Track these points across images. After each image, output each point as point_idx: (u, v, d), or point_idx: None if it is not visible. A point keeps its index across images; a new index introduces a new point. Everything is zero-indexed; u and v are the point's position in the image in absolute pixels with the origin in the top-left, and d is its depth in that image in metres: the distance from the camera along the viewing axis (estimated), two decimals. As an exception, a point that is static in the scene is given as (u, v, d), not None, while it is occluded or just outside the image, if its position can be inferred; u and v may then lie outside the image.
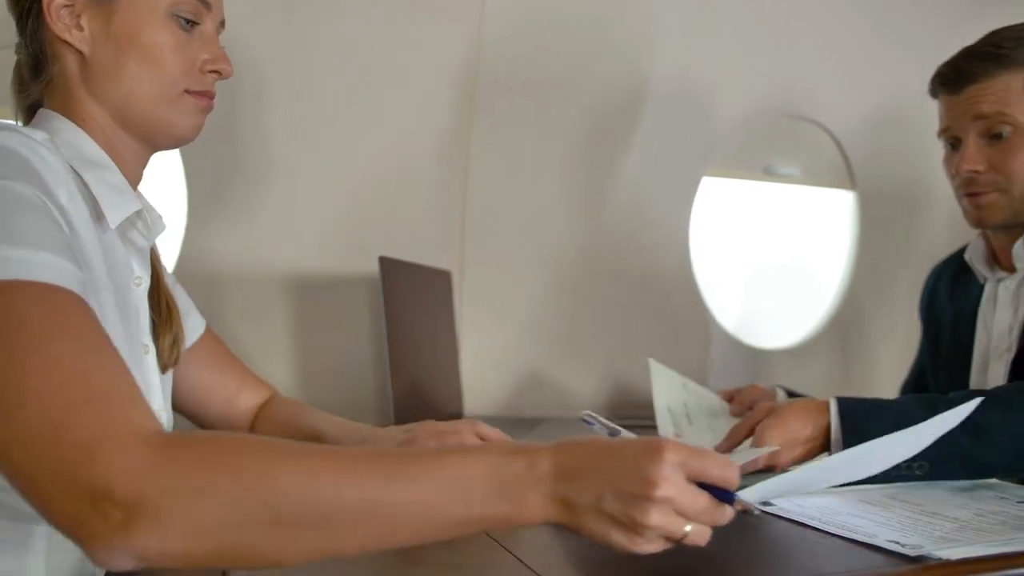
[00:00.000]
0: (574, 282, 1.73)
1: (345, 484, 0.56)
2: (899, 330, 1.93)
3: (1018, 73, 1.12)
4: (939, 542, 0.70)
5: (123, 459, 0.53)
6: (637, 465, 0.58)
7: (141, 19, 0.83)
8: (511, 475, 0.59)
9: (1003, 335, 1.19)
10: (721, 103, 1.78)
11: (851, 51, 1.84)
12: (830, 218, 2.02)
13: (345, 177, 1.52)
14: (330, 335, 1.52)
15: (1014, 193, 1.15)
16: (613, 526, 0.58)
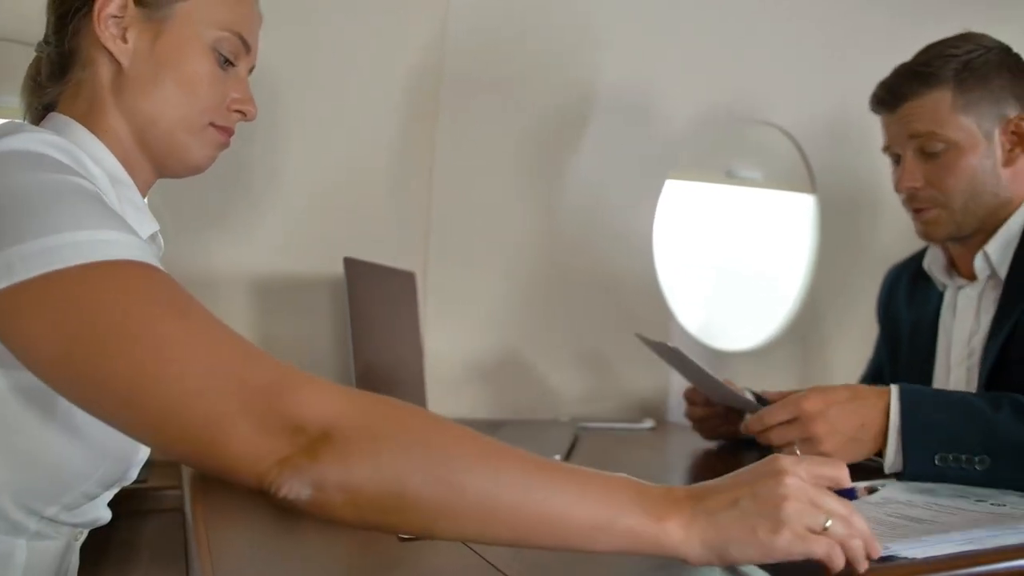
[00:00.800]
0: (538, 283, 1.73)
1: (519, 482, 0.58)
2: (856, 334, 1.95)
3: (946, 91, 1.15)
4: (903, 542, 0.71)
5: (314, 394, 0.57)
6: (764, 469, 0.63)
7: (187, 45, 0.84)
8: (652, 494, 0.61)
9: (963, 343, 1.21)
10: (682, 107, 1.79)
11: (811, 56, 1.87)
12: (791, 221, 2.05)
13: (308, 177, 1.50)
14: (292, 337, 1.50)
15: (954, 208, 1.18)
16: (757, 519, 0.60)
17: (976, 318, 1.20)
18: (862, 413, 0.95)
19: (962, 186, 1.16)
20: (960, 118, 1.16)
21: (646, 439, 1.51)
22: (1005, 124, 1.17)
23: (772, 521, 0.59)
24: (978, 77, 1.16)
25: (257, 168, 1.45)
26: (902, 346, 1.33)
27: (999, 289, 1.17)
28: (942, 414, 0.92)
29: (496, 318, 1.70)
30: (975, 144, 1.16)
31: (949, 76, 1.15)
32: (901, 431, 0.93)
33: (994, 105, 1.16)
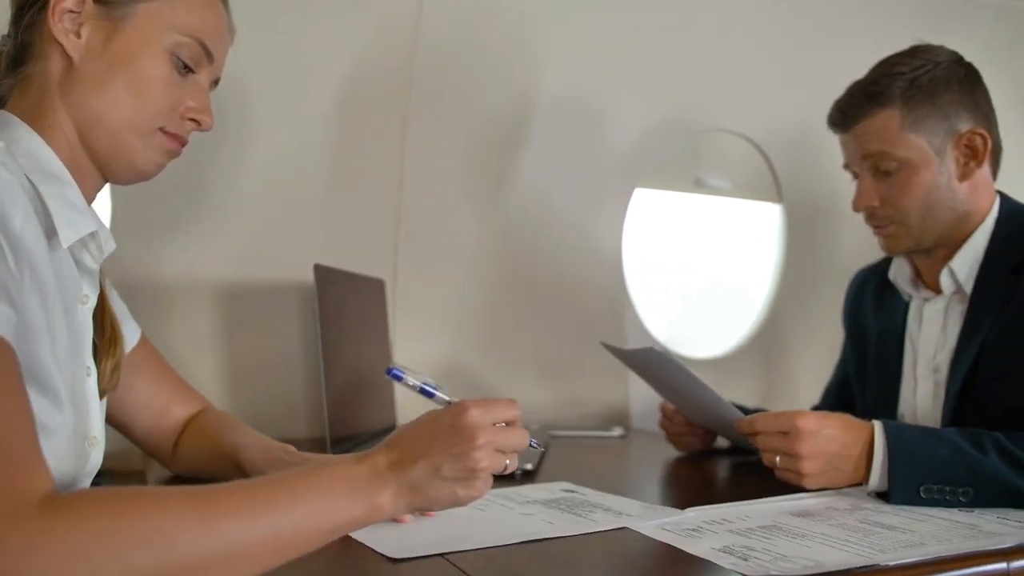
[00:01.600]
0: (506, 291, 1.73)
1: (235, 521, 0.58)
2: (821, 341, 1.97)
3: (894, 110, 1.16)
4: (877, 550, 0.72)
5: (6, 537, 0.50)
6: (454, 429, 0.71)
7: (143, 46, 0.82)
8: (359, 481, 0.67)
9: (929, 357, 1.22)
10: (651, 116, 1.80)
11: (778, 67, 1.89)
12: (758, 230, 2.07)
13: (274, 183, 1.49)
14: (261, 343, 1.48)
15: (911, 224, 1.19)
16: (455, 484, 0.70)
17: (943, 332, 1.21)
18: (849, 443, 0.97)
19: (917, 203, 1.17)
20: (910, 136, 1.16)
21: (616, 447, 1.51)
22: (957, 139, 1.17)
23: (468, 483, 0.71)
24: (925, 94, 1.15)
25: (222, 174, 1.43)
26: (869, 353, 1.34)
27: (965, 304, 1.17)
28: (928, 449, 0.93)
29: (464, 326, 1.70)
30: (927, 161, 1.16)
31: (896, 95, 1.15)
32: (889, 464, 0.94)
33: (944, 121, 1.16)
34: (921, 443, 0.94)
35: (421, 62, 1.56)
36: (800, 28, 1.88)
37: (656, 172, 1.87)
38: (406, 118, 1.58)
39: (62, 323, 0.72)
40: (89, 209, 0.81)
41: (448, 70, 1.60)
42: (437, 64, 1.58)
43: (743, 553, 0.71)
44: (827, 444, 0.96)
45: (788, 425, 0.98)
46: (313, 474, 0.65)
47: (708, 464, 1.29)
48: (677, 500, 0.95)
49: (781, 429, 0.99)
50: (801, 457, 0.96)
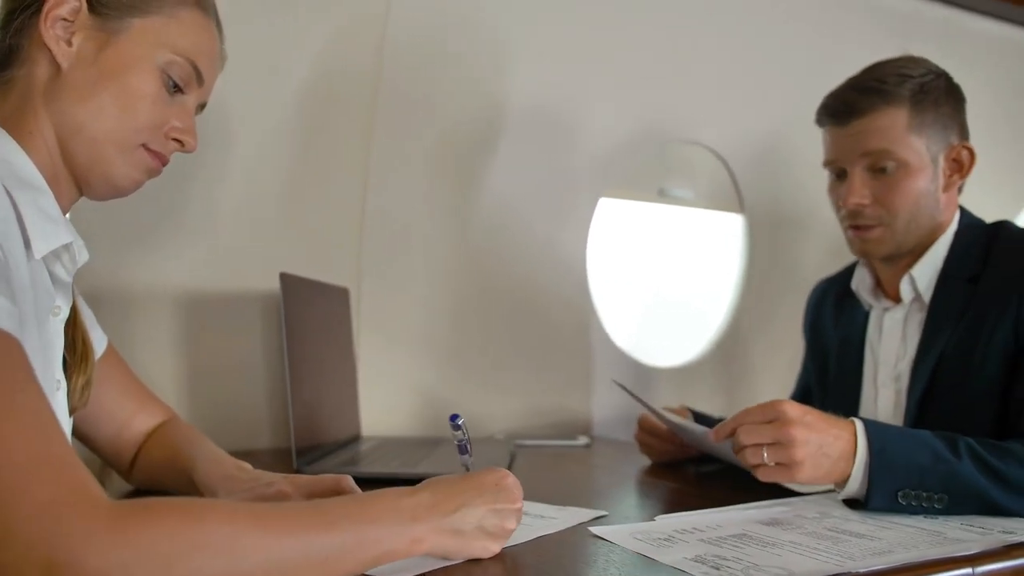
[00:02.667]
0: (471, 300, 1.72)
1: (293, 539, 0.59)
2: (782, 353, 2.00)
3: (902, 109, 1.16)
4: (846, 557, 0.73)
5: (83, 531, 0.51)
6: (500, 488, 0.75)
7: (135, 60, 0.81)
8: (405, 513, 0.68)
9: (890, 365, 1.25)
10: (615, 126, 1.81)
11: (742, 80, 1.92)
12: (720, 240, 2.09)
13: (238, 191, 1.47)
14: (224, 353, 1.45)
15: (897, 227, 1.19)
16: (488, 538, 0.73)
17: (902, 341, 1.23)
18: (834, 432, 0.92)
19: (908, 206, 1.18)
20: (913, 139, 1.16)
21: (582, 456, 1.51)
22: (948, 150, 1.19)
23: (498, 540, 0.74)
24: (931, 100, 1.17)
25: (185, 181, 1.40)
26: (829, 363, 1.36)
27: (924, 312, 1.20)
28: (908, 455, 0.91)
29: (429, 335, 1.69)
30: (923, 166, 1.17)
31: (906, 96, 1.16)
32: (869, 468, 0.91)
33: (943, 130, 1.18)
34: (901, 448, 0.92)
35: (388, 69, 1.55)
36: (763, 43, 1.91)
37: (621, 182, 1.88)
38: (372, 125, 1.57)
39: (34, 334, 0.71)
40: (64, 219, 0.80)
41: (415, 77, 1.59)
42: (404, 71, 1.57)
43: (715, 562, 0.72)
44: (814, 431, 0.91)
45: (773, 413, 0.92)
46: (366, 502, 0.68)
47: (674, 472, 1.30)
48: (647, 509, 0.95)
49: (766, 419, 0.93)
50: (794, 442, 0.90)
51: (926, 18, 2.03)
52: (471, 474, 0.77)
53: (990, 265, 1.15)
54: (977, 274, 1.15)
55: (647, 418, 1.35)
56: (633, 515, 0.95)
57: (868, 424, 0.94)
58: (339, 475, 0.87)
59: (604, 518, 0.91)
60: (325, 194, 1.56)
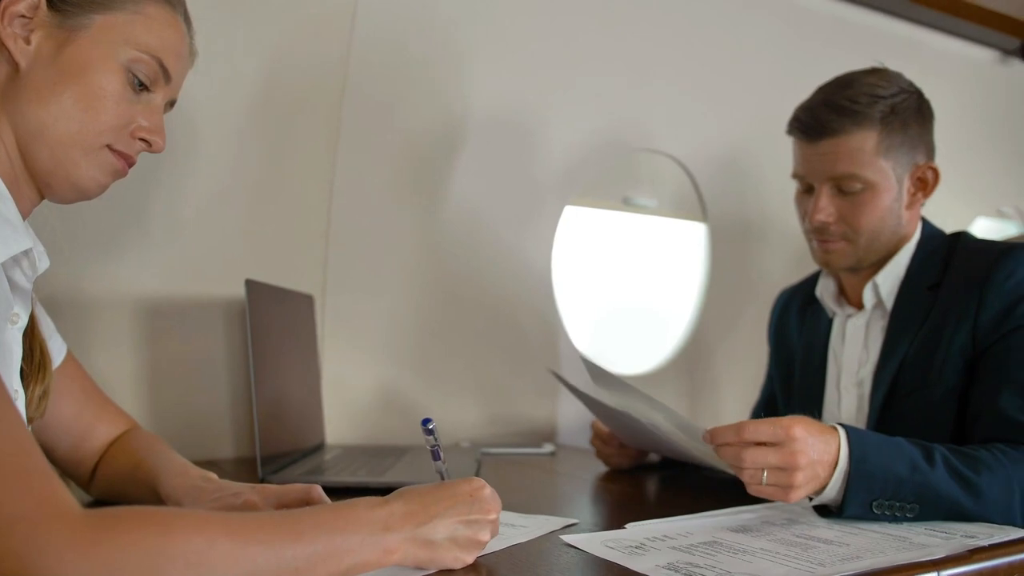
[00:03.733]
0: (436, 308, 1.71)
1: (264, 548, 0.59)
2: (744, 360, 2.03)
3: (871, 131, 1.16)
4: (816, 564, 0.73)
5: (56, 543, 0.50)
6: (474, 499, 0.74)
7: (98, 59, 0.79)
8: (377, 523, 0.67)
9: (853, 371, 1.27)
10: (579, 134, 1.82)
11: (704, 89, 1.94)
12: (684, 248, 2.11)
13: (203, 194, 1.44)
14: (185, 361, 1.43)
15: (860, 243, 1.21)
16: (461, 549, 0.72)
17: (864, 347, 1.25)
18: (828, 450, 0.91)
19: (872, 224, 1.20)
20: (880, 161, 1.17)
21: (547, 463, 1.51)
22: (914, 170, 1.21)
23: (470, 551, 0.72)
24: (901, 122, 1.18)
25: (147, 186, 1.38)
26: (795, 370, 1.38)
27: (885, 319, 1.23)
28: (886, 465, 0.91)
29: (394, 342, 1.67)
30: (889, 187, 1.19)
31: (877, 118, 1.16)
32: (847, 478, 0.91)
33: (910, 152, 1.20)
34: (879, 458, 0.92)
35: (354, 75, 1.54)
36: (727, 54, 1.94)
37: (586, 190, 1.89)
38: (337, 131, 1.56)
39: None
40: (23, 225, 0.78)
41: (382, 84, 1.58)
42: (371, 77, 1.56)
43: (688, 570, 0.72)
44: (813, 452, 0.89)
45: (783, 435, 0.89)
46: (338, 512, 0.67)
47: (640, 479, 1.30)
48: (615, 516, 0.95)
49: (775, 440, 0.89)
50: (797, 468, 0.88)
51: (888, 33, 2.07)
52: (446, 484, 0.76)
53: (950, 274, 1.18)
54: (937, 282, 1.18)
55: (599, 425, 1.36)
56: (601, 523, 0.95)
57: (851, 433, 0.93)
58: (308, 484, 0.86)
59: (574, 526, 0.91)
60: (290, 200, 1.55)
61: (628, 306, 2.14)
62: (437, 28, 1.63)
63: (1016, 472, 0.96)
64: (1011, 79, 2.36)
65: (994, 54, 2.28)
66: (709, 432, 0.94)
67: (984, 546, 0.81)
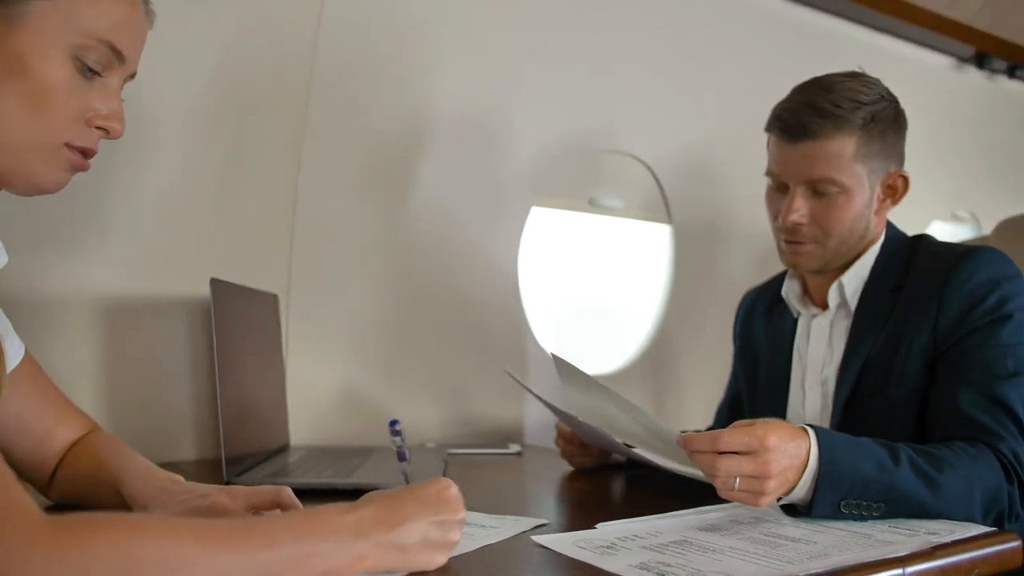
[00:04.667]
0: (402, 308, 1.70)
1: (234, 554, 0.58)
2: (708, 359, 2.04)
3: (852, 137, 1.17)
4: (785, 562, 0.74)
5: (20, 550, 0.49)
6: (440, 499, 0.73)
7: (40, 50, 0.73)
8: (348, 530, 0.66)
9: (817, 371, 1.28)
10: (546, 135, 1.83)
11: (670, 92, 1.95)
12: (649, 249, 2.12)
13: (165, 192, 1.42)
14: (147, 361, 1.40)
15: (828, 246, 1.22)
16: (432, 550, 0.71)
17: (829, 346, 1.27)
18: (799, 454, 0.91)
19: (843, 228, 1.21)
20: (857, 166, 1.18)
21: (514, 464, 1.51)
22: (886, 177, 1.23)
23: (442, 552, 0.72)
24: (880, 130, 1.19)
25: (109, 183, 1.35)
26: (760, 369, 1.40)
27: (849, 319, 1.25)
28: (854, 466, 0.92)
29: (360, 342, 1.66)
30: (862, 192, 1.20)
31: (858, 124, 1.17)
32: (816, 479, 0.91)
33: (885, 160, 1.21)
34: (847, 459, 0.93)
35: (319, 73, 1.53)
36: (693, 57, 1.95)
37: (553, 191, 1.89)
38: (303, 129, 1.54)
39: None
40: None
41: (348, 82, 1.57)
42: (337, 76, 1.55)
43: (660, 569, 0.72)
44: (785, 459, 0.89)
45: (759, 445, 0.88)
46: (308, 518, 0.67)
47: (605, 479, 1.31)
48: (583, 516, 0.96)
49: (750, 449, 0.88)
50: (770, 476, 0.88)
51: (849, 39, 2.10)
52: (412, 486, 0.75)
53: (912, 275, 1.20)
54: (900, 284, 1.20)
55: (563, 425, 1.36)
56: (569, 522, 0.95)
57: (820, 435, 0.93)
58: (278, 486, 0.84)
59: (545, 526, 0.91)
60: (254, 198, 1.53)
61: (593, 307, 2.15)
62: (405, 28, 1.62)
63: (975, 469, 0.98)
64: (966, 86, 2.41)
65: (950, 61, 2.33)
66: (683, 438, 0.94)
67: (947, 543, 0.82)
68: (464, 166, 1.73)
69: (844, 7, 1.98)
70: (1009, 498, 1.01)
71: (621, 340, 2.11)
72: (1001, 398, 1.06)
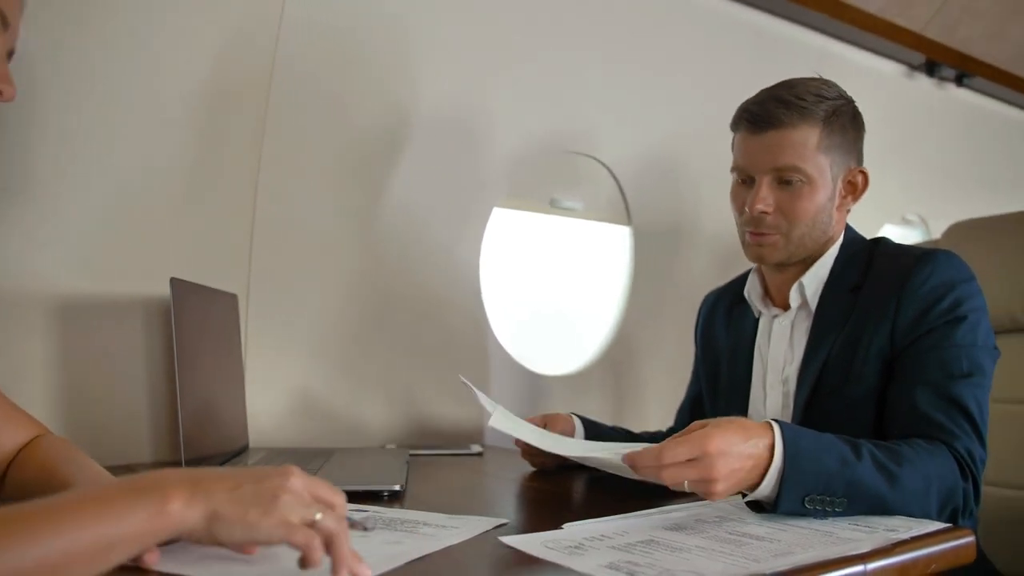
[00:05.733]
0: (364, 308, 1.69)
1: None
2: (668, 362, 2.07)
3: (815, 128, 1.22)
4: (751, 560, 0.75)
5: None
6: (268, 471, 0.65)
7: None
8: (146, 485, 0.60)
9: (778, 370, 1.31)
10: (508, 136, 1.83)
11: (630, 92, 1.96)
12: (609, 251, 2.13)
13: (121, 189, 1.39)
14: (101, 362, 1.37)
15: (792, 237, 1.25)
16: (251, 505, 0.62)
17: (790, 346, 1.30)
18: (755, 454, 0.92)
19: (806, 219, 1.24)
20: (820, 157, 1.22)
21: (475, 464, 1.51)
22: (847, 172, 1.27)
23: (265, 507, 0.62)
24: (840, 125, 1.24)
25: (62, 179, 1.32)
26: (722, 369, 1.42)
27: (810, 320, 1.27)
28: (818, 461, 0.94)
29: (321, 343, 1.65)
30: (825, 184, 1.24)
31: (820, 116, 1.22)
32: (782, 475, 0.93)
33: (845, 154, 1.26)
34: (811, 454, 0.94)
35: (280, 70, 1.51)
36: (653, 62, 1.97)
37: (515, 192, 1.89)
38: (263, 127, 1.52)
39: None
40: None
41: (309, 79, 1.55)
42: (297, 72, 1.53)
43: (630, 569, 0.73)
44: (736, 462, 0.91)
45: (699, 451, 0.90)
46: (93, 486, 0.60)
47: (568, 478, 1.31)
48: (549, 516, 0.96)
49: (692, 456, 0.90)
50: (716, 480, 0.90)
51: (805, 44, 2.14)
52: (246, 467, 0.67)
53: (870, 276, 1.23)
54: (859, 284, 1.24)
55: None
56: (535, 523, 0.95)
57: (785, 430, 0.95)
58: None
59: (506, 525, 0.91)
60: (213, 196, 1.50)
61: (554, 308, 2.16)
62: (369, 25, 1.61)
63: (932, 466, 1.01)
64: (916, 93, 2.47)
65: (902, 68, 2.39)
66: (628, 457, 0.94)
67: (905, 539, 0.84)
68: (427, 166, 1.72)
69: (802, 14, 2.02)
70: (964, 495, 1.04)
71: (581, 341, 2.12)
72: (956, 398, 1.10)
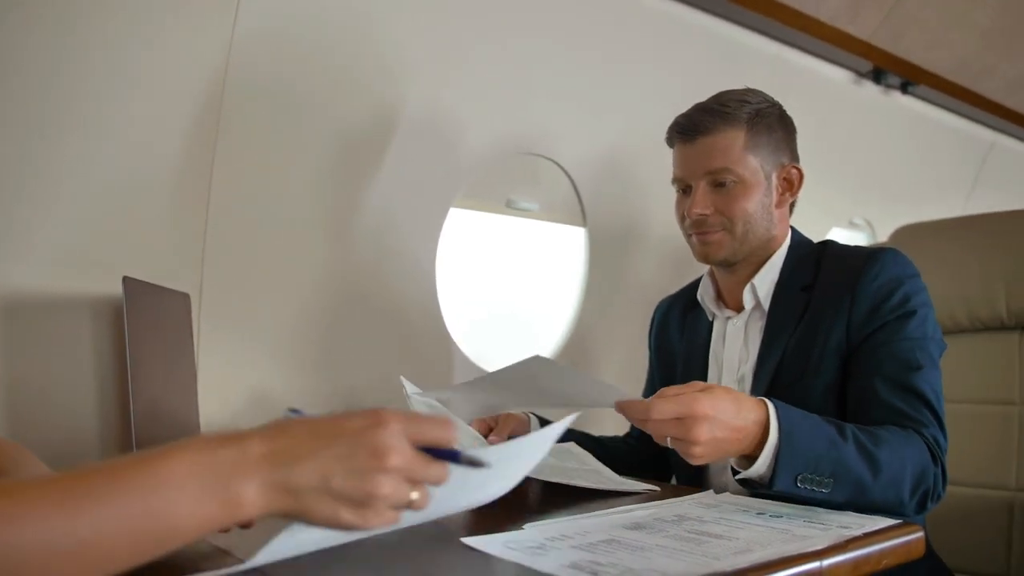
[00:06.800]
0: (322, 308, 1.67)
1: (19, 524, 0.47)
2: (623, 363, 2.08)
3: (740, 130, 1.30)
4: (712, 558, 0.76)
5: None
6: (363, 438, 0.57)
7: None
8: (219, 468, 0.54)
9: (734, 369, 1.34)
10: (465, 136, 1.82)
11: (587, 95, 1.98)
12: (565, 253, 2.15)
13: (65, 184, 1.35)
14: (46, 365, 1.33)
15: (735, 232, 1.31)
16: (343, 505, 0.57)
17: (744, 346, 1.33)
18: (742, 427, 0.95)
19: (744, 215, 1.30)
20: (749, 157, 1.30)
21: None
22: (780, 169, 1.35)
23: (360, 507, 0.58)
24: (765, 125, 1.32)
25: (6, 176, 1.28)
26: (677, 372, 1.44)
27: (763, 320, 1.31)
28: (810, 441, 0.98)
29: (274, 343, 1.62)
30: (758, 182, 1.31)
31: (744, 119, 1.30)
32: (777, 453, 0.96)
33: (775, 152, 1.33)
34: (803, 432, 0.98)
35: (237, 68, 1.48)
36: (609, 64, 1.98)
37: (473, 191, 1.89)
38: (216, 124, 1.49)
39: None
40: None
41: (267, 78, 1.52)
42: (255, 72, 1.51)
43: (593, 568, 0.73)
44: (720, 430, 0.93)
45: (686, 411, 0.92)
46: (155, 458, 0.53)
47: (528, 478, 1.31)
48: (510, 516, 0.96)
49: (679, 415, 0.93)
50: (696, 443, 0.93)
51: (757, 49, 2.18)
52: (338, 417, 0.60)
53: (822, 275, 1.29)
54: (811, 283, 1.29)
55: (477, 424, 1.37)
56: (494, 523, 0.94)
57: (779, 408, 0.98)
58: None
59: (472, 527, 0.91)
60: (165, 194, 1.47)
61: (509, 308, 2.16)
62: (326, 22, 1.59)
63: (907, 449, 1.07)
64: (863, 99, 2.53)
65: (850, 75, 2.44)
66: (619, 404, 0.97)
67: (858, 536, 0.87)
68: (383, 168, 1.71)
69: (754, 20, 2.05)
70: (934, 478, 1.09)
71: (537, 341, 2.12)
72: (915, 388, 1.15)
